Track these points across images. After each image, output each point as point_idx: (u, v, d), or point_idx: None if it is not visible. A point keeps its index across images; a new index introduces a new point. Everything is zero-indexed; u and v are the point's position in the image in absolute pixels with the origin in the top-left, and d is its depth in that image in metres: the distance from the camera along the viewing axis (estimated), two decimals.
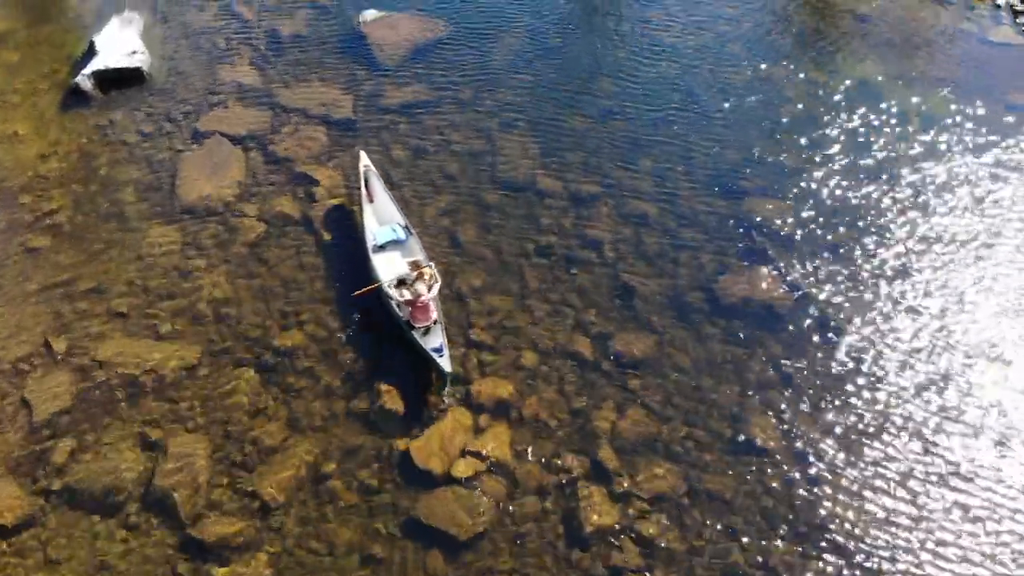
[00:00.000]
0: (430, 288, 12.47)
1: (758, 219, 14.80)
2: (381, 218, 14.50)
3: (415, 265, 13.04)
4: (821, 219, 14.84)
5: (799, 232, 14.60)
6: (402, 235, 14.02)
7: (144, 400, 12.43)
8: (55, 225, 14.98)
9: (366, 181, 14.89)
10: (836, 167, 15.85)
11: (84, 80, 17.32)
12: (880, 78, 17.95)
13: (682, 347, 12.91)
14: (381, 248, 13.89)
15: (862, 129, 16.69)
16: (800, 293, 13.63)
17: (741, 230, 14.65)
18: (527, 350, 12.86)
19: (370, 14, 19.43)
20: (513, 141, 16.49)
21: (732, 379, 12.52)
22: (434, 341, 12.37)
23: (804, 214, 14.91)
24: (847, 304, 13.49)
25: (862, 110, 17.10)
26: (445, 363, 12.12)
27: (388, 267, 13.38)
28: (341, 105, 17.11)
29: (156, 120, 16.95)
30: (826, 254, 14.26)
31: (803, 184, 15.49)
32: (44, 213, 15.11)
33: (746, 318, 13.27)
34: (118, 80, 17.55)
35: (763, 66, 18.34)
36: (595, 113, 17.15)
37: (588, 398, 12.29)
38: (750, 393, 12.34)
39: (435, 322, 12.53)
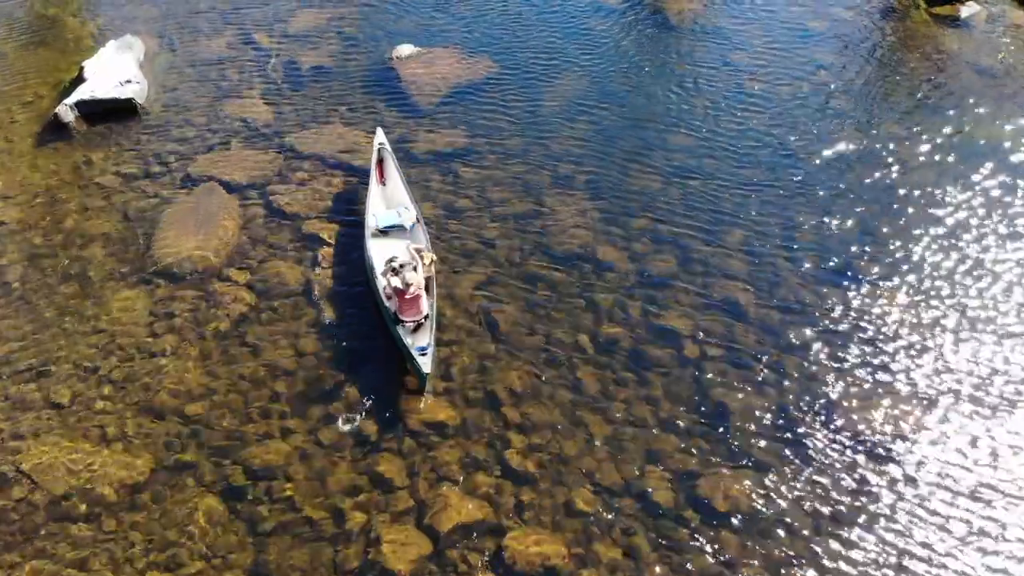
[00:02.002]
0: (426, 276, 11.07)
1: (876, 312, 11.47)
2: (390, 203, 12.91)
3: (416, 252, 11.49)
4: (964, 319, 11.46)
5: (934, 333, 11.22)
6: (408, 222, 12.27)
7: (72, 528, 9.36)
8: (2, 284, 12.20)
9: (380, 160, 13.27)
10: (973, 254, 12.49)
11: (66, 111, 14.75)
12: (1008, 144, 14.63)
13: (794, 494, 9.51)
14: (382, 233, 12.23)
15: (997, 203, 13.35)
16: (940, 404, 10.21)
17: (861, 329, 11.33)
18: (582, 488, 9.57)
19: (405, 49, 16.73)
20: (567, 202, 13.46)
21: (871, 550, 9.07)
22: (421, 340, 10.75)
23: (934, 311, 11.54)
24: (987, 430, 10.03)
25: (994, 179, 13.77)
26: (425, 363, 10.43)
27: (387, 256, 11.62)
28: (363, 152, 14.22)
29: (143, 160, 14.24)
30: (969, 360, 10.85)
31: (929, 269, 12.15)
32: None
33: (872, 454, 9.86)
34: (106, 112, 14.98)
35: (872, 123, 15.16)
36: (668, 171, 14.06)
37: (668, 567, 8.91)
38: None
39: (426, 317, 10.92)
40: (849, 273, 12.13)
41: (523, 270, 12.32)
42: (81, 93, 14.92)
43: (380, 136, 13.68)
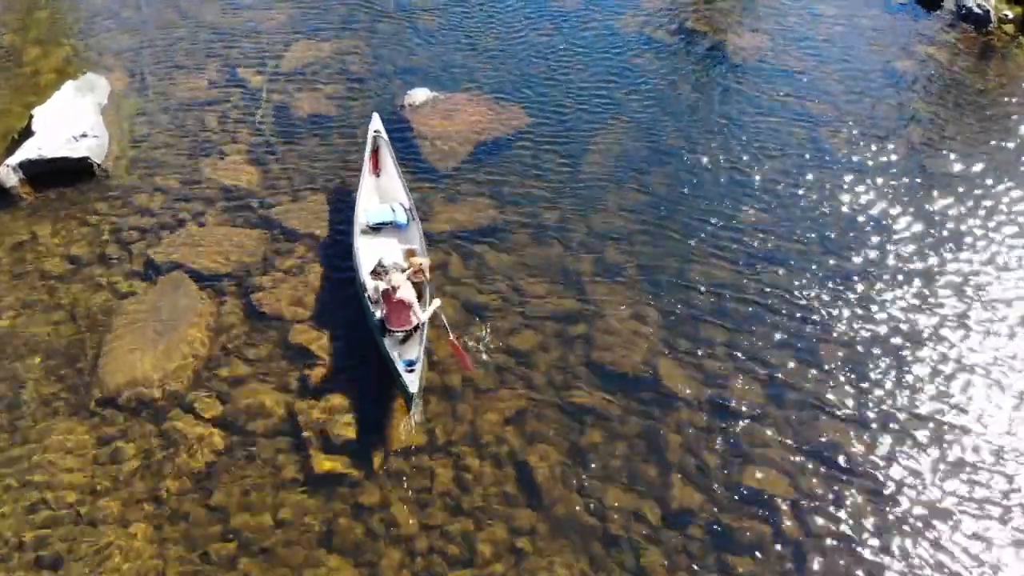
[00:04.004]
0: (419, 282, 10.03)
1: None
2: (384, 196, 11.81)
3: (408, 254, 10.51)
4: None
5: None
6: (403, 218, 11.22)
7: None
8: None
9: (375, 148, 12.15)
10: None
11: (8, 173, 12.12)
12: None
13: None
14: (374, 230, 11.17)
15: None
16: None
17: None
18: None
19: (419, 95, 14.02)
20: (618, 298, 10.82)
21: None
22: (410, 353, 9.56)
23: None
24: None
25: None
26: (412, 381, 9.15)
27: (377, 256, 10.59)
28: None
29: (98, 239, 11.62)
30: None
31: None
32: None
33: None
34: (57, 173, 12.39)
35: (983, 189, 12.45)
36: (742, 257, 11.39)
37: None
38: None
39: (416, 328, 9.71)
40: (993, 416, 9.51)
41: (566, 397, 9.70)
42: (27, 151, 12.30)
43: (376, 122, 12.48)
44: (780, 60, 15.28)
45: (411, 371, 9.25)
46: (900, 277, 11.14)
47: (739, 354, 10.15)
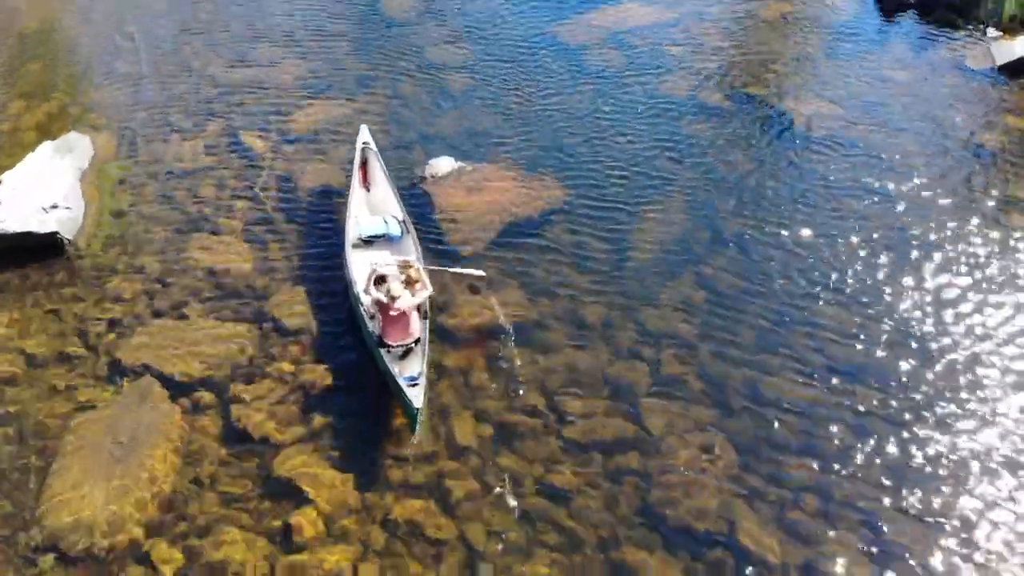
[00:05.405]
0: (414, 294, 9.11)
1: None
2: (374, 210, 11.24)
3: (404, 265, 9.56)
4: None
5: None
6: (396, 230, 10.73)
7: None
8: None
9: (363, 161, 11.57)
10: None
11: None
12: None
13: None
14: (366, 243, 10.64)
15: None
16: None
17: None
18: None
19: (442, 165, 12.29)
20: (678, 424, 8.84)
21: None
22: (411, 368, 8.90)
23: None
24: None
25: None
26: (416, 396, 8.48)
27: (370, 268, 9.86)
28: None
29: (59, 333, 9.80)
30: None
31: None
32: None
33: None
34: (21, 249, 10.71)
35: None
36: (825, 372, 9.38)
37: None
38: None
39: (417, 342, 9.12)
40: None
41: (618, 560, 7.69)
42: None
43: (364, 134, 11.96)
44: (851, 131, 13.44)
45: (414, 385, 8.62)
46: (1010, 390, 9.12)
47: (834, 502, 8.11)
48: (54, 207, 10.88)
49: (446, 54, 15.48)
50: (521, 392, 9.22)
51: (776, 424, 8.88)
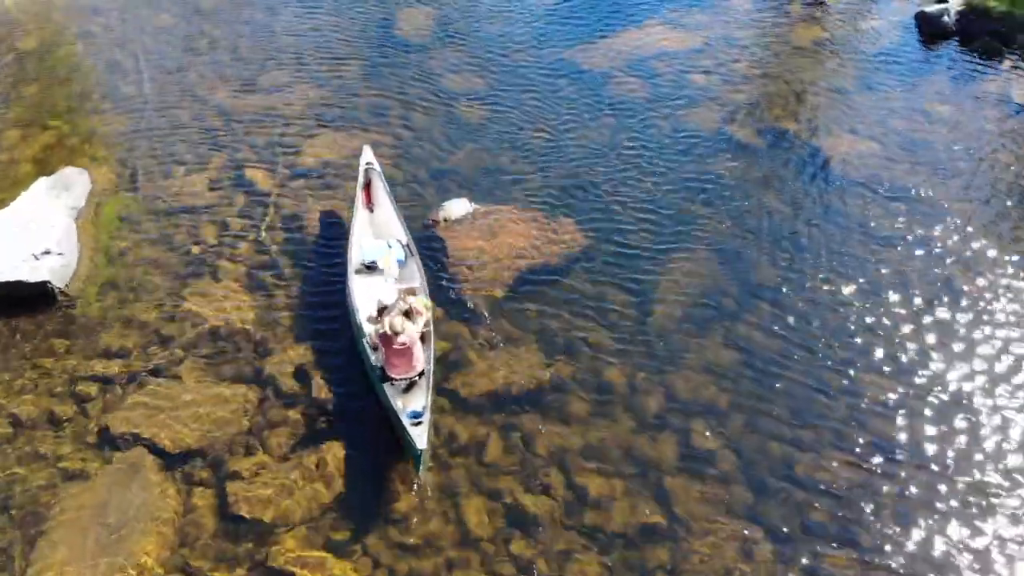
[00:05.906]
0: (415, 322, 8.68)
1: None
2: (379, 232, 10.98)
3: (408, 293, 9.36)
4: None
5: None
6: (400, 255, 10.39)
7: None
8: None
9: (367, 182, 11.38)
10: None
11: None
12: None
13: None
14: (369, 269, 10.26)
15: None
16: None
17: None
18: None
19: (456, 207, 11.59)
20: (712, 510, 8.12)
21: None
22: (415, 403, 8.51)
23: None
24: None
25: None
26: (419, 436, 8.03)
27: (373, 295, 9.53)
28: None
29: (48, 392, 9.18)
30: None
31: None
32: None
33: None
34: (9, 300, 10.12)
35: None
36: (871, 451, 8.64)
37: None
38: None
39: (421, 375, 8.72)
40: None
41: None
42: None
43: (368, 154, 11.76)
44: (891, 172, 12.64)
45: (418, 423, 8.24)
46: None
47: None
48: (46, 253, 10.29)
49: (462, 81, 14.77)
50: (538, 469, 8.54)
51: (818, 512, 8.17)
